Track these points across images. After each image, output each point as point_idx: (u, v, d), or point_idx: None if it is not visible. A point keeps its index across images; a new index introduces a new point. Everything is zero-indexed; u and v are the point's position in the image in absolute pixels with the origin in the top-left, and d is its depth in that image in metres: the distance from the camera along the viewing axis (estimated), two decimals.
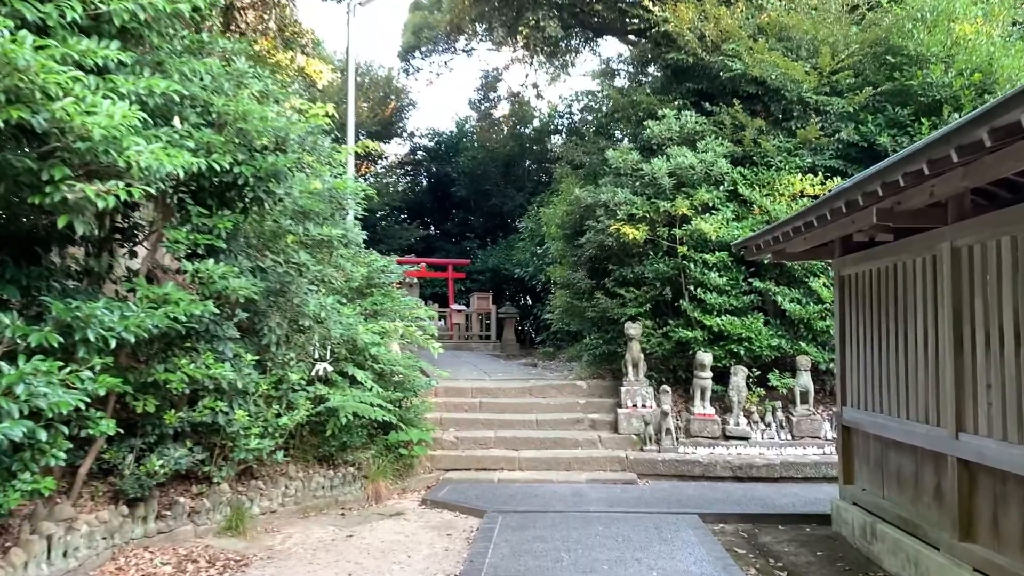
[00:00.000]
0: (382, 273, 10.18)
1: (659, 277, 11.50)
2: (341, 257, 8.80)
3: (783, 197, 11.13)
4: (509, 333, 23.06)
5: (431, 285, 27.29)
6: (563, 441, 10.74)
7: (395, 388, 9.77)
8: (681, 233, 11.16)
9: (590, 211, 12.47)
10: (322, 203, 7.67)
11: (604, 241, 11.87)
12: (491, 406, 11.75)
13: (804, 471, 10.07)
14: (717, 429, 10.68)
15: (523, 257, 22.52)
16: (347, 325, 8.16)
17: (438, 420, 11.18)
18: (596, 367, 12.68)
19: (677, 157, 11.11)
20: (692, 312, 11.09)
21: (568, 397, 12.08)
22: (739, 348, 10.82)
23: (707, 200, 11.16)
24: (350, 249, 9.64)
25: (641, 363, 11.28)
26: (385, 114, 29.26)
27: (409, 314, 11.31)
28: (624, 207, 11.42)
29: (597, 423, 11.24)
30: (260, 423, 7.44)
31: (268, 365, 7.56)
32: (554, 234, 15.04)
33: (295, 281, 7.30)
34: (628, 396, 11.13)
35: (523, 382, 12.68)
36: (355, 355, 9.01)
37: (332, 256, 8.31)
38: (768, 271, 11.20)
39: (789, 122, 11.77)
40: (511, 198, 28.64)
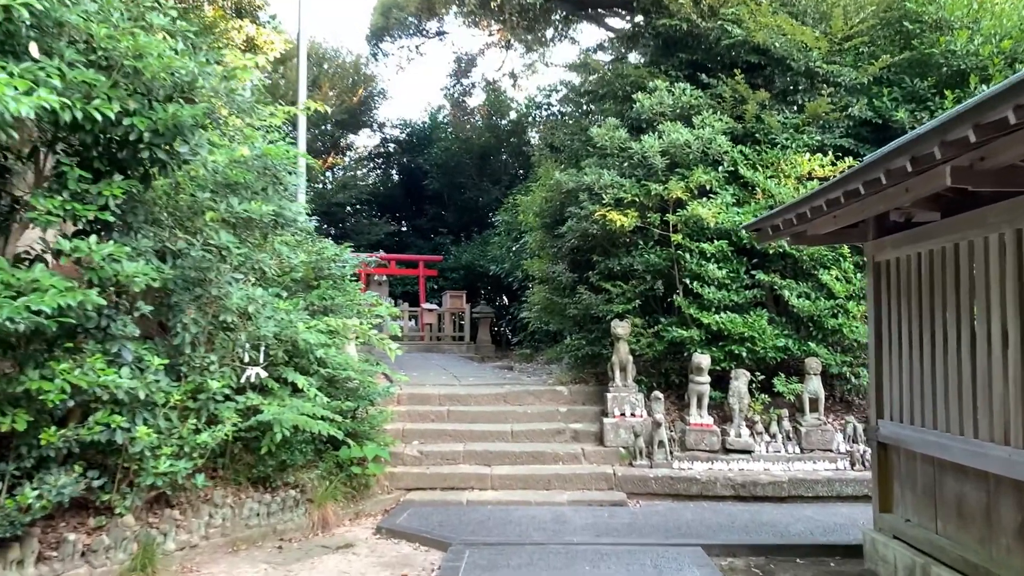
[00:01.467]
0: (332, 263, 8.89)
1: (650, 269, 10.32)
2: (279, 241, 7.51)
3: (788, 179, 9.99)
4: (484, 334, 21.88)
5: (402, 283, 26.06)
6: (542, 455, 9.53)
7: (348, 396, 8.52)
8: (675, 219, 9.98)
9: (572, 197, 11.27)
10: (250, 174, 6.40)
11: (588, 229, 10.68)
12: (461, 415, 10.51)
13: (815, 489, 8.95)
14: (716, 441, 9.52)
15: (499, 253, 21.36)
16: (284, 322, 6.89)
17: (400, 432, 9.93)
18: (578, 371, 11.48)
19: (671, 134, 9.94)
20: (687, 309, 9.92)
21: (547, 404, 10.86)
22: (740, 349, 9.66)
23: (704, 182, 10.00)
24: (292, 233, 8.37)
25: (630, 366, 10.09)
26: (353, 102, 27.90)
27: (368, 311, 10.07)
28: (611, 191, 10.22)
29: (580, 434, 10.04)
30: (174, 441, 6.16)
31: (183, 371, 6.26)
32: (532, 223, 13.82)
33: (215, 268, 6.02)
34: (615, 403, 9.94)
35: (497, 387, 11.45)
36: (298, 358, 7.75)
37: (267, 240, 7.03)
38: (773, 262, 10.06)
39: (795, 95, 10.64)
40: (486, 192, 27.45)
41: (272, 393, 7.24)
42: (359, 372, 8.37)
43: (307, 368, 7.80)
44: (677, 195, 9.86)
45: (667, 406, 10.10)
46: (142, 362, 5.80)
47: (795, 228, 6.29)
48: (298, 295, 8.12)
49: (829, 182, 5.27)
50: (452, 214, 28.85)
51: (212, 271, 6.01)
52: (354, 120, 28.96)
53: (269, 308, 6.66)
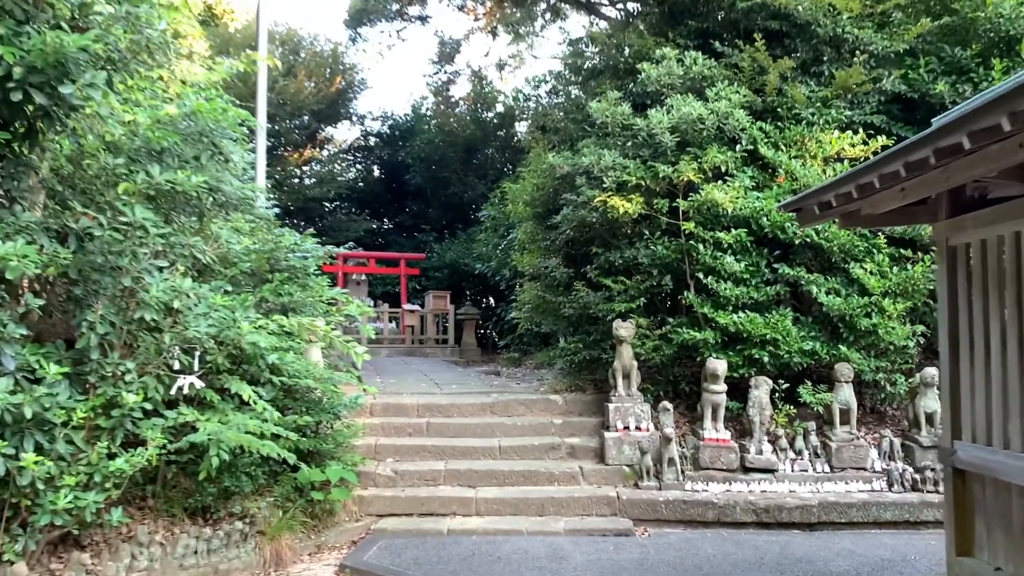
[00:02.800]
0: (291, 253, 7.72)
1: (657, 263, 9.21)
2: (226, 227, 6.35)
3: (815, 160, 8.90)
4: (469, 336, 20.78)
5: (382, 283, 24.90)
6: (534, 475, 8.39)
7: (308, 409, 7.37)
8: (687, 206, 8.86)
9: (567, 182, 10.14)
10: (177, 137, 5.21)
11: (586, 218, 9.55)
12: (442, 428, 9.36)
13: (849, 514, 7.86)
14: (734, 459, 8.41)
15: (485, 250, 20.23)
16: (224, 322, 5.71)
17: (372, 448, 8.78)
18: (574, 377, 10.35)
19: (682, 108, 8.82)
20: (700, 307, 8.80)
21: (540, 416, 9.73)
22: (761, 353, 8.55)
23: (720, 163, 8.90)
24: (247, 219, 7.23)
25: (634, 373, 8.97)
26: (330, 91, 26.66)
27: (337, 310, 8.90)
28: (612, 173, 9.10)
29: (578, 450, 8.91)
30: (80, 468, 5.01)
31: (91, 380, 5.09)
32: (522, 214, 12.67)
33: (129, 252, 4.84)
34: (618, 415, 8.81)
35: (483, 396, 10.29)
36: (247, 365, 6.59)
37: (203, 222, 5.85)
38: (798, 254, 8.96)
39: (821, 66, 9.53)
40: (472, 187, 26.31)
41: (213, 407, 6.07)
42: (321, 380, 7.21)
43: (258, 376, 6.65)
44: (688, 177, 8.75)
45: (676, 418, 8.99)
46: (35, 371, 4.64)
47: (848, 206, 5.19)
48: (246, 290, 6.94)
49: (904, 144, 4.16)
50: (436, 210, 27.69)
51: (125, 256, 4.84)
52: (332, 111, 27.73)
53: (203, 304, 5.48)
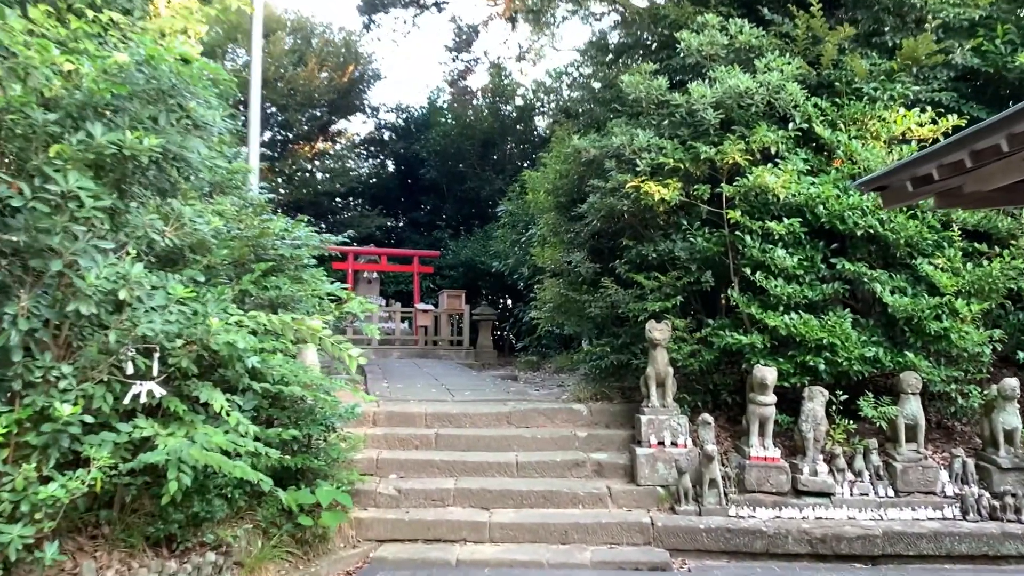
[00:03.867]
0: (281, 241, 6.78)
1: (696, 257, 8.21)
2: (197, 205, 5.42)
3: (877, 141, 7.89)
4: (485, 338, 19.86)
5: (395, 281, 24.03)
6: (556, 496, 7.43)
7: (297, 420, 6.44)
8: (732, 191, 7.85)
9: (595, 167, 9.18)
10: (125, 90, 4.28)
11: (615, 207, 8.57)
12: (452, 440, 8.41)
13: (918, 546, 6.88)
14: (785, 480, 7.41)
15: (502, 247, 19.27)
16: (189, 318, 4.78)
17: (373, 463, 7.86)
18: (600, 384, 9.37)
19: (727, 80, 7.82)
20: (746, 307, 7.80)
21: (562, 427, 8.76)
22: (816, 360, 7.55)
23: (769, 143, 7.89)
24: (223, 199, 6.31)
25: (670, 380, 7.99)
26: (343, 80, 25.79)
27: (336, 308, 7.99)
28: (646, 155, 8.12)
29: (605, 468, 7.94)
30: (4, 495, 4.10)
31: (15, 388, 4.16)
32: (543, 203, 11.68)
33: (58, 229, 3.92)
34: (651, 429, 7.83)
35: (499, 404, 9.33)
36: (223, 369, 5.67)
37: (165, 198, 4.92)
38: (858, 248, 7.94)
39: (883, 36, 8.49)
40: (489, 182, 25.38)
41: (179, 419, 5.16)
42: (312, 388, 6.27)
43: (234, 382, 5.72)
44: (734, 159, 7.74)
45: (717, 432, 8.00)
46: None
47: (952, 180, 4.21)
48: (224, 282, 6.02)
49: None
50: (451, 206, 26.79)
51: (56, 234, 3.91)
52: (345, 102, 26.86)
53: (160, 296, 4.55)
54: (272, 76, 23.40)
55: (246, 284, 5.88)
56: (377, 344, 19.14)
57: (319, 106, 25.49)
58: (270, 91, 23.50)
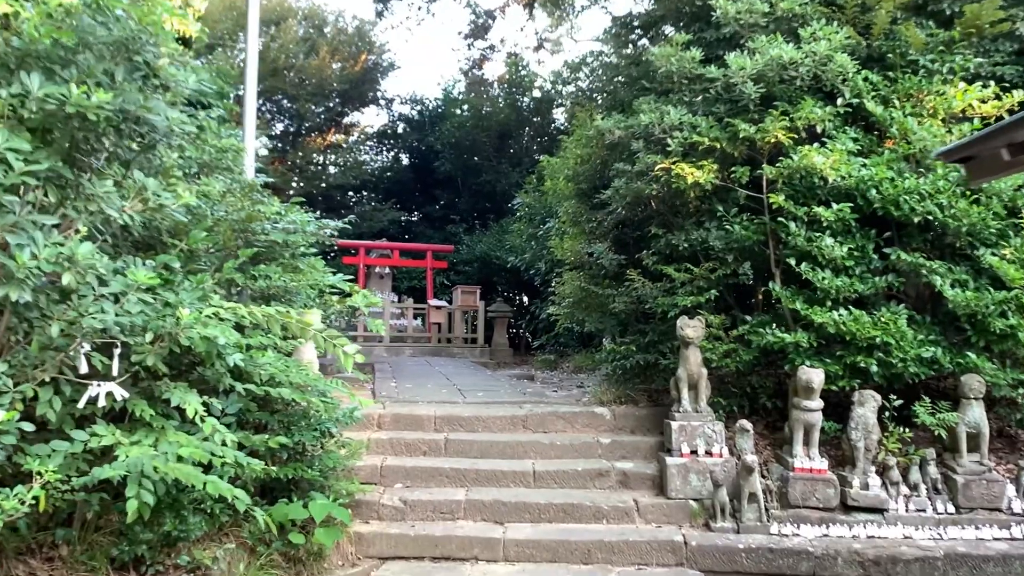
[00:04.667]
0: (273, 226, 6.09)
1: (733, 247, 7.48)
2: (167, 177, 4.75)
3: (934, 119, 7.12)
4: (500, 336, 19.16)
5: (408, 277, 23.38)
6: (577, 509, 6.74)
7: (289, 425, 5.77)
8: (774, 173, 7.09)
9: (620, 150, 8.48)
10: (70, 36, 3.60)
11: (643, 192, 7.85)
12: (463, 446, 7.72)
13: (985, 570, 6.21)
14: (833, 494, 6.68)
15: (518, 242, 18.57)
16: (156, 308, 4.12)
17: (376, 470, 7.19)
18: (624, 386, 8.66)
19: (769, 51, 7.07)
20: (790, 302, 7.06)
21: (583, 432, 8.07)
22: (868, 361, 6.80)
23: (815, 121, 7.13)
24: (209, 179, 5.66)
25: (703, 383, 7.27)
26: (355, 69, 25.13)
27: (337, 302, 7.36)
28: (678, 134, 7.39)
29: (631, 478, 7.23)
30: None
31: None
32: (563, 191, 10.96)
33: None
34: (683, 436, 7.11)
35: (514, 407, 8.64)
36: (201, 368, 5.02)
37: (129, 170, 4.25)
38: (913, 236, 7.18)
39: (939, 4, 7.70)
40: (505, 175, 24.69)
41: (147, 426, 4.50)
42: (304, 390, 5.59)
43: (213, 382, 5.05)
44: (777, 138, 6.99)
45: (755, 440, 7.27)
46: None
47: None
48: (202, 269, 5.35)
49: None
50: (466, 200, 26.11)
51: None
52: (358, 93, 26.20)
53: (119, 282, 3.88)
54: (283, 65, 22.79)
55: (228, 271, 5.21)
56: (389, 342, 18.53)
57: (331, 97, 24.84)
58: (280, 81, 22.90)
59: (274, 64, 22.45)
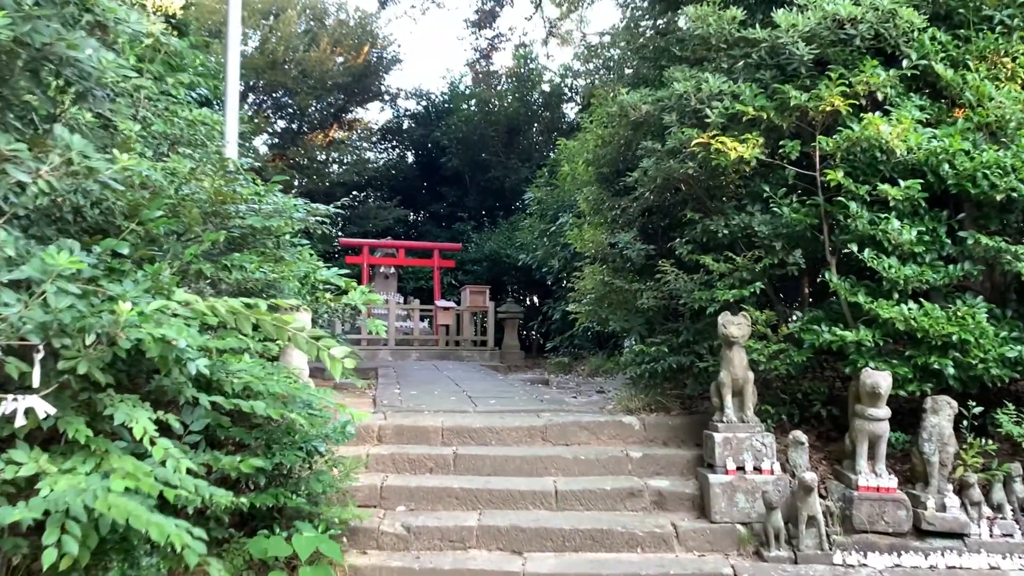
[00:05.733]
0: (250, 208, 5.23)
1: (781, 232, 6.58)
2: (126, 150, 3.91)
3: (1014, 83, 6.23)
4: (511, 338, 18.34)
5: (414, 277, 22.57)
6: (608, 536, 5.85)
7: (270, 443, 4.90)
8: (832, 145, 6.17)
9: (647, 127, 7.61)
10: None
11: (675, 172, 6.96)
12: (475, 462, 6.84)
13: None
14: (904, 517, 5.77)
15: (529, 238, 17.74)
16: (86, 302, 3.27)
17: (376, 491, 6.32)
18: (654, 391, 7.76)
19: (823, 6, 6.19)
20: (849, 294, 6.16)
21: (610, 445, 7.19)
22: (942, 362, 5.90)
23: (877, 86, 6.23)
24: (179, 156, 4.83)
25: (749, 388, 6.38)
26: (357, 61, 24.30)
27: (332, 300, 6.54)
28: (719, 104, 6.50)
29: (668, 498, 6.34)
30: None
31: None
32: (582, 176, 10.08)
33: None
34: (728, 449, 6.22)
35: (531, 416, 7.75)
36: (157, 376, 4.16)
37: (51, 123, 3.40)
38: (990, 218, 6.28)
39: None
40: (514, 171, 23.84)
41: (85, 449, 3.65)
42: (286, 401, 4.73)
43: (177, 394, 4.19)
44: (834, 105, 6.09)
45: (810, 453, 6.37)
46: None
47: None
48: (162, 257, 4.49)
49: None
50: (474, 197, 25.26)
51: None
52: (361, 87, 25.35)
53: (31, 267, 3.02)
54: (282, 58, 21.97)
55: (190, 258, 4.34)
56: (394, 345, 17.71)
57: (333, 91, 23.99)
58: (279, 74, 22.10)
59: (272, 56, 21.65)
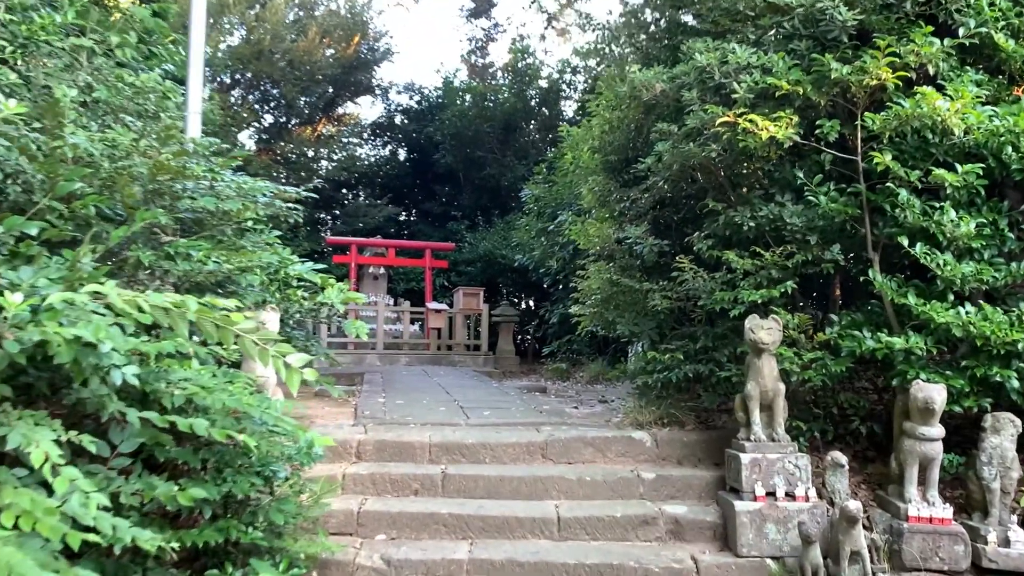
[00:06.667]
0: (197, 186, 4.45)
1: (816, 225, 5.83)
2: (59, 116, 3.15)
3: None
4: (506, 342, 17.60)
5: (405, 278, 21.81)
6: (619, 572, 5.11)
7: (221, 467, 4.11)
8: (878, 124, 5.41)
9: (660, 109, 6.87)
10: None
11: (695, 156, 6.20)
12: (466, 483, 6.06)
13: None
14: (962, 553, 5.03)
15: (526, 238, 17.00)
16: None
17: (352, 517, 5.55)
18: (666, 403, 7.00)
19: None
20: (898, 295, 5.41)
21: (618, 463, 6.43)
22: (1005, 374, 5.17)
23: (929, 57, 5.49)
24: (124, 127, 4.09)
25: (780, 401, 5.62)
26: (347, 52, 23.49)
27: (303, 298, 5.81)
28: (747, 77, 5.75)
29: (685, 527, 5.58)
30: None
31: None
32: (588, 163, 9.31)
33: None
34: (756, 472, 5.47)
35: (530, 430, 6.98)
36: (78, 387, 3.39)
37: None
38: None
39: None
40: (511, 168, 23.09)
41: None
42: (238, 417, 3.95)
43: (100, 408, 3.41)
44: (881, 78, 5.34)
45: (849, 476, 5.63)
46: None
47: None
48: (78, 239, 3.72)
49: None
50: (468, 195, 24.52)
51: None
52: (351, 79, 24.53)
53: None
54: (268, 47, 21.16)
55: (116, 240, 3.56)
56: (383, 349, 16.93)
57: (322, 83, 23.17)
58: (266, 64, 21.28)
59: (259, 46, 20.84)
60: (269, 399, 4.17)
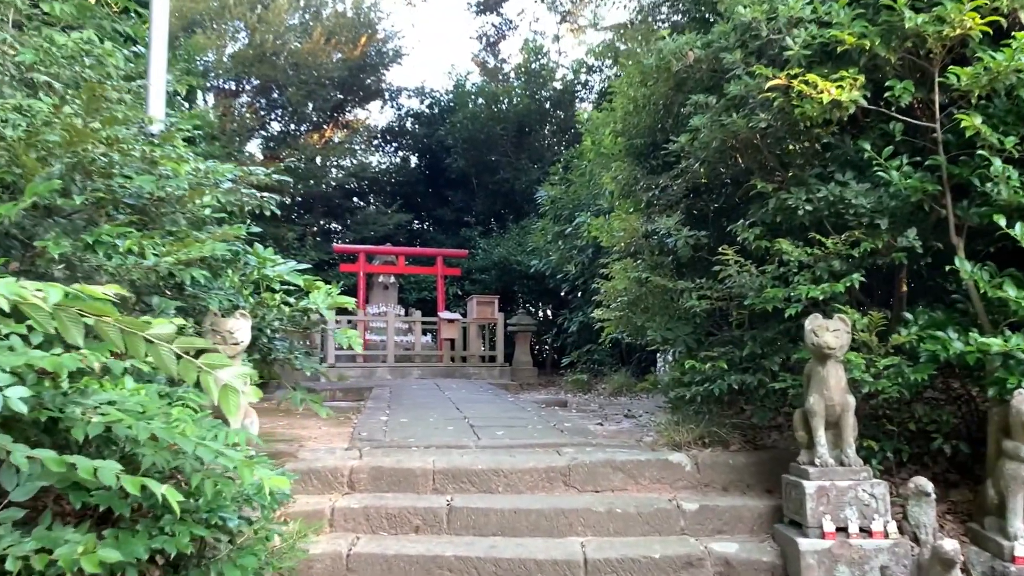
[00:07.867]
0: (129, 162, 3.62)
1: (886, 206, 4.93)
2: None
3: None
4: (523, 353, 16.75)
5: (416, 287, 21.03)
6: None
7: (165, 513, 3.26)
8: (966, 80, 4.50)
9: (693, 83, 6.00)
10: None
11: (740, 129, 5.33)
12: (475, 518, 5.18)
13: None
14: None
15: (542, 243, 16.20)
16: None
17: (340, 562, 4.69)
18: (707, 420, 6.10)
19: None
20: (991, 288, 4.50)
21: (653, 491, 5.55)
22: None
23: (1019, 5, 4.60)
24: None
25: (849, 418, 4.72)
26: (355, 54, 22.78)
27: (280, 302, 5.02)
28: (803, 32, 4.88)
29: (738, 568, 4.68)
30: None
31: None
32: (610, 149, 8.42)
33: None
34: (823, 503, 4.56)
35: (549, 454, 6.10)
36: None
37: None
38: None
39: None
40: (524, 172, 22.32)
41: None
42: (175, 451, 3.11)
43: None
44: (965, 29, 4.46)
45: None
46: None
47: None
48: None
49: None
50: (481, 201, 23.75)
51: None
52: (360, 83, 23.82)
53: None
54: (271, 49, 20.48)
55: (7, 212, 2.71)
56: (394, 362, 16.13)
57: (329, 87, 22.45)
58: (269, 68, 20.60)
59: (262, 48, 20.16)
60: (219, 426, 3.31)
